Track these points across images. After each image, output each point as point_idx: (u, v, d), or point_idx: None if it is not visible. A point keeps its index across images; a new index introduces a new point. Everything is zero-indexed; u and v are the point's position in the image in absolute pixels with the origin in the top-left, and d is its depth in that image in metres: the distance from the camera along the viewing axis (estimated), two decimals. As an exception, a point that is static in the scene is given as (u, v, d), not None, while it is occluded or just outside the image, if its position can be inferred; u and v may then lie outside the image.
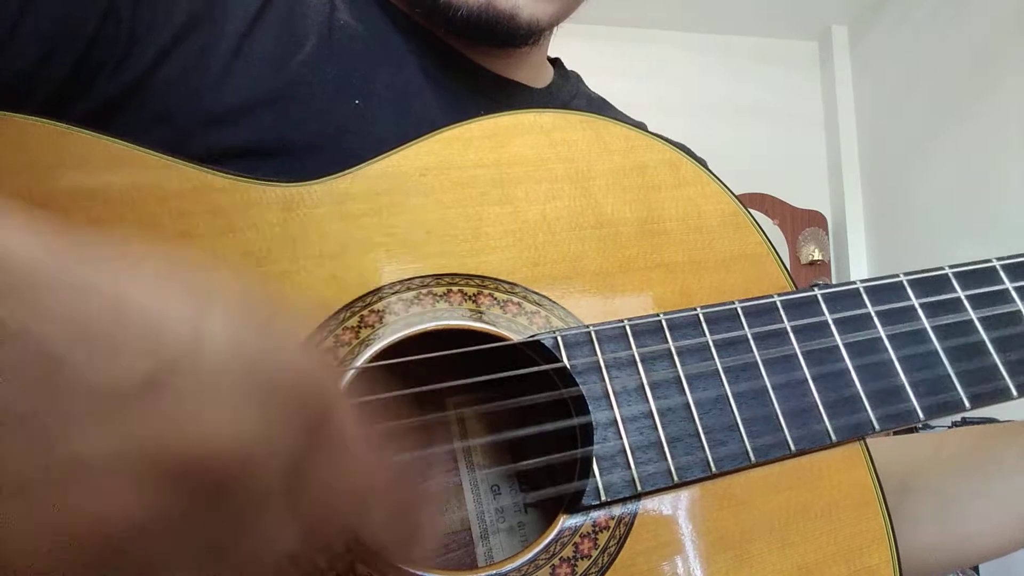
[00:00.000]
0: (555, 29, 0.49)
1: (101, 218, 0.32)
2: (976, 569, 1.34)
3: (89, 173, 0.32)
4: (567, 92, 0.56)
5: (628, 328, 0.31)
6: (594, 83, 0.61)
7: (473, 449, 0.38)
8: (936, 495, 0.41)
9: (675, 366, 0.31)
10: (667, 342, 0.31)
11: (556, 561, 0.27)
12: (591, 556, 0.28)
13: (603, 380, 0.30)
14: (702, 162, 0.57)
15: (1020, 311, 0.34)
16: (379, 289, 0.32)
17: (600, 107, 0.59)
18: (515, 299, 0.33)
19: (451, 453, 0.39)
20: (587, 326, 0.32)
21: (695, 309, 0.32)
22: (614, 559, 0.28)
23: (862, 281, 0.34)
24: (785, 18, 2.37)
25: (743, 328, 0.32)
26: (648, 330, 0.32)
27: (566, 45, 0.58)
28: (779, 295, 0.33)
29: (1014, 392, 0.32)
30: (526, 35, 0.44)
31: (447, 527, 0.38)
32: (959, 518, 0.40)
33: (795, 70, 2.46)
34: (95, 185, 0.32)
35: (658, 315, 0.32)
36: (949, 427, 1.39)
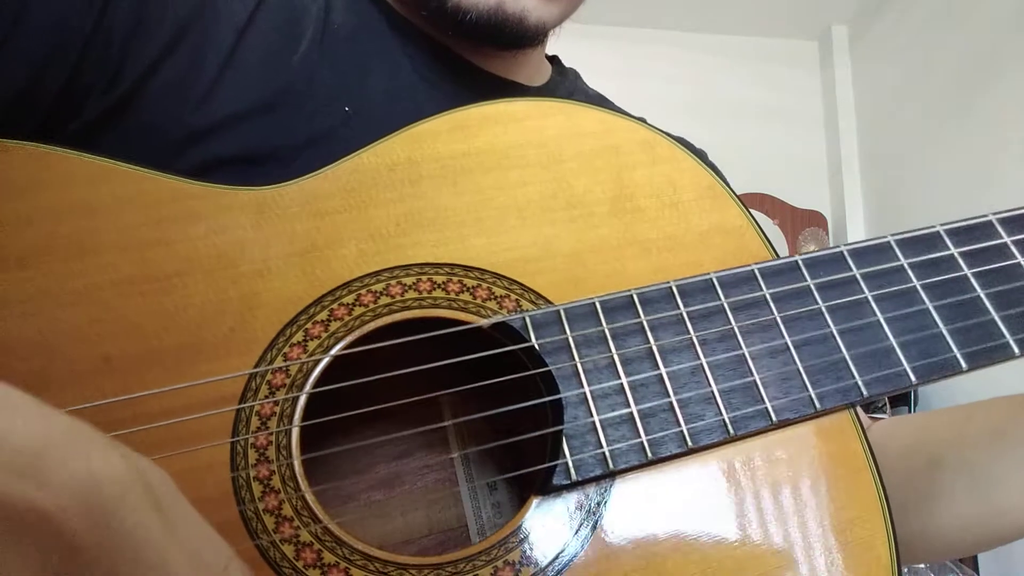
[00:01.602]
0: (557, 29, 0.50)
1: (83, 230, 0.33)
2: (975, 565, 1.27)
3: (70, 190, 0.33)
4: (564, 89, 0.56)
5: (598, 305, 0.31)
6: (594, 83, 0.60)
7: (451, 435, 0.38)
8: (968, 470, 0.39)
9: (647, 340, 0.30)
10: (639, 317, 0.30)
11: (527, 543, 0.27)
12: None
13: (572, 358, 0.29)
14: (701, 154, 0.56)
15: (1020, 265, 0.33)
16: (348, 283, 0.33)
17: (599, 102, 0.59)
18: (484, 285, 0.33)
19: (448, 456, 0.39)
20: (556, 306, 0.31)
21: (668, 283, 0.32)
22: (588, 539, 0.27)
23: (846, 244, 0.33)
24: (785, 18, 2.35)
25: (719, 299, 0.31)
26: (619, 306, 0.31)
27: (566, 45, 0.58)
28: (757, 264, 0.32)
29: (1015, 349, 0.30)
30: (533, 37, 0.45)
31: (443, 524, 0.38)
32: (993, 492, 0.38)
33: (795, 70, 2.43)
34: (76, 201, 0.33)
35: (629, 291, 0.31)
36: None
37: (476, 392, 0.37)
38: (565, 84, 0.57)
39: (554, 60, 0.59)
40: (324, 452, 0.30)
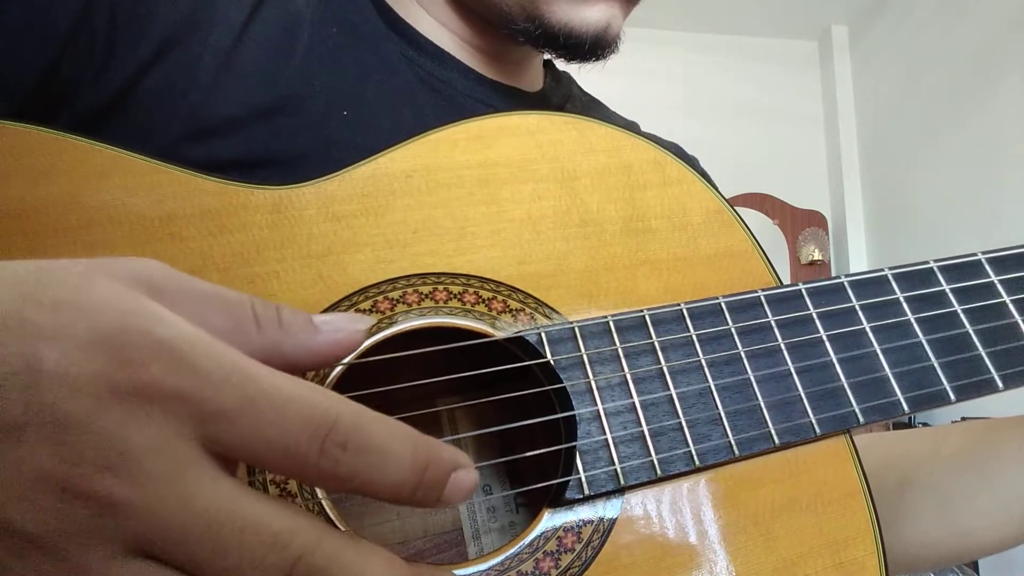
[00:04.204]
0: None
1: (92, 222, 0.32)
2: (975, 566, 1.33)
3: (81, 179, 0.32)
4: (560, 94, 0.57)
5: (612, 324, 0.32)
6: (594, 83, 0.61)
7: (464, 447, 0.38)
8: (936, 491, 0.41)
9: (659, 361, 0.31)
10: (651, 337, 0.31)
11: (540, 555, 0.28)
12: (574, 550, 0.28)
13: (587, 375, 0.30)
14: (692, 160, 0.57)
15: (1005, 303, 0.34)
16: (365, 289, 0.33)
17: (592, 106, 0.60)
18: (500, 297, 0.33)
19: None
20: (571, 322, 0.32)
21: (679, 304, 0.33)
22: (597, 553, 0.28)
23: (847, 275, 0.34)
24: (785, 18, 2.38)
25: (727, 323, 0.32)
26: (632, 326, 0.32)
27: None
28: (763, 290, 0.34)
29: (999, 384, 0.32)
30: (613, 50, 0.47)
31: (438, 527, 0.39)
32: (959, 514, 0.40)
33: (795, 70, 2.46)
34: (86, 190, 0.32)
35: (641, 311, 0.32)
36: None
37: (475, 400, 0.38)
38: (560, 89, 0.58)
39: (547, 65, 0.59)
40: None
